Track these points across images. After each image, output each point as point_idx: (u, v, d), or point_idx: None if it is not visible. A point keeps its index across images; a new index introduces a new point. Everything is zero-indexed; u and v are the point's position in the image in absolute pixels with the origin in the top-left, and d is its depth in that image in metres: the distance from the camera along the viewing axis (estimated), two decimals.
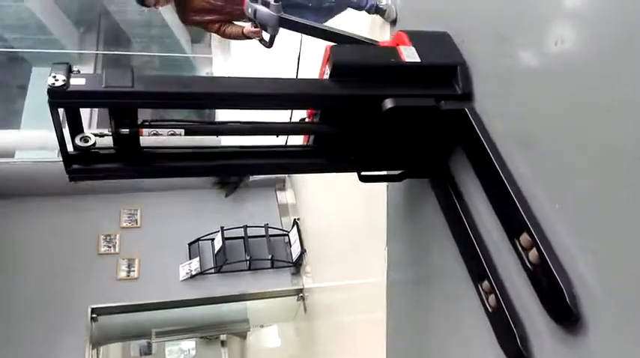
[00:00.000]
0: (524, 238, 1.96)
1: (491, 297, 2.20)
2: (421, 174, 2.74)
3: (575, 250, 1.80)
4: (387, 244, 3.46)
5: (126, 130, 2.16)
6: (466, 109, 2.24)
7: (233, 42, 8.55)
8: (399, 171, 2.74)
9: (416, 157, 2.58)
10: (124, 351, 7.89)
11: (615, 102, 1.64)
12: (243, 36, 3.14)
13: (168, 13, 9.26)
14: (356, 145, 2.47)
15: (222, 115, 4.90)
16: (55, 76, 1.98)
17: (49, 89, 1.98)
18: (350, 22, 3.58)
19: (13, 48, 9.20)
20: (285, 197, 6.85)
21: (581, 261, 1.77)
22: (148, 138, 2.24)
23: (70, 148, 2.23)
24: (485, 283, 2.23)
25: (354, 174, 2.75)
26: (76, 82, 2.01)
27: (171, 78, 2.74)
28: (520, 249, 1.99)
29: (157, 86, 2.14)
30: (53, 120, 2.10)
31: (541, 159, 1.95)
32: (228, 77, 2.37)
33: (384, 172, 2.89)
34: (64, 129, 2.17)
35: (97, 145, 2.22)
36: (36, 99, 8.34)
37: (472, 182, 2.35)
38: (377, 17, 3.33)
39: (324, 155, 2.52)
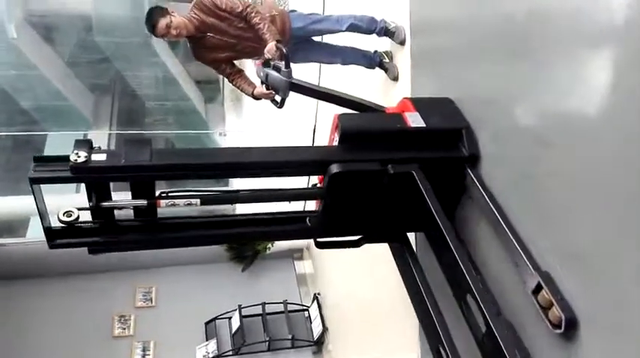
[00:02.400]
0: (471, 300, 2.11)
1: None
2: (380, 240, 2.89)
3: None
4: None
5: (144, 202, 2.36)
6: (413, 172, 2.37)
7: (244, 103, 8.99)
8: (358, 237, 2.85)
9: (373, 222, 2.69)
10: None
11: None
12: (253, 96, 3.34)
13: (182, 76, 9.83)
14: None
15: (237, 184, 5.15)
16: (77, 153, 2.20)
17: (71, 166, 2.18)
18: (356, 79, 3.84)
19: (30, 115, 9.72)
20: (304, 267, 7.02)
21: None
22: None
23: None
24: (441, 349, 2.35)
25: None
26: (98, 157, 2.24)
27: (187, 151, 3.00)
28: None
29: (173, 158, 2.38)
30: (34, 196, 2.25)
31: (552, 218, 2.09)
32: (240, 147, 2.62)
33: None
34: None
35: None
36: None
37: (427, 247, 2.51)
38: (382, 77, 3.61)
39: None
